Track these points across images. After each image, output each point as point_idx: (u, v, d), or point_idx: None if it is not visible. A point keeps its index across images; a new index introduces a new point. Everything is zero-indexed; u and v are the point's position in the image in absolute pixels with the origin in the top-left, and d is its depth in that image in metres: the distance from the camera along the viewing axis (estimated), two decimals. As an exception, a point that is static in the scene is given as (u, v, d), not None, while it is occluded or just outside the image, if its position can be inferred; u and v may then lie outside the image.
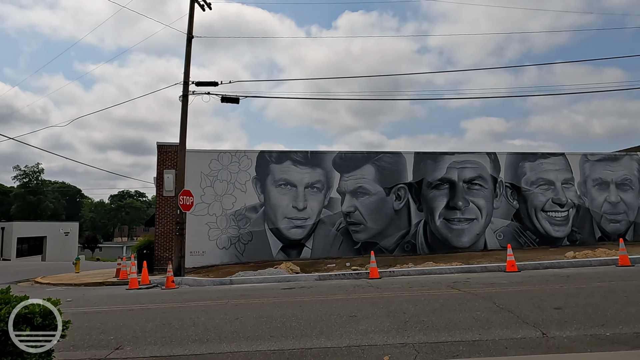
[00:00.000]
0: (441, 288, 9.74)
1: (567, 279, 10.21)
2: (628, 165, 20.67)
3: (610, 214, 20.28)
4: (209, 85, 15.71)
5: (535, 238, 19.71)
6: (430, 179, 19.35)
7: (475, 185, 19.52)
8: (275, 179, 18.57)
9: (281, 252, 18.33)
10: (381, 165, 19.19)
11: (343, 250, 18.61)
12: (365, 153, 19.33)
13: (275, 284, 12.22)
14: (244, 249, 18.10)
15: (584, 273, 11.18)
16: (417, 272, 12.65)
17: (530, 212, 19.83)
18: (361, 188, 18.93)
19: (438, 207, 19.24)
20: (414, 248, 19.03)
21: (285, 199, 18.52)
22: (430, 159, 19.53)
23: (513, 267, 12.18)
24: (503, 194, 19.72)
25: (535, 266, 12.76)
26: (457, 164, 19.56)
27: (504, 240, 19.49)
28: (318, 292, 10.04)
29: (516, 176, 19.94)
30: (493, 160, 19.87)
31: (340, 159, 19.05)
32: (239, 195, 18.33)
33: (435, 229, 19.15)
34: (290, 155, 18.80)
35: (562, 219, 19.94)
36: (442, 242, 19.13)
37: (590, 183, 20.34)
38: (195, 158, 18.21)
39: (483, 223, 19.39)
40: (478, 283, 10.27)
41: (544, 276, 11.04)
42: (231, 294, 10.30)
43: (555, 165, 20.23)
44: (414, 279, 11.65)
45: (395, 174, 19.25)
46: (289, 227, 18.41)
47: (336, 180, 18.87)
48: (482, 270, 12.71)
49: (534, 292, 8.55)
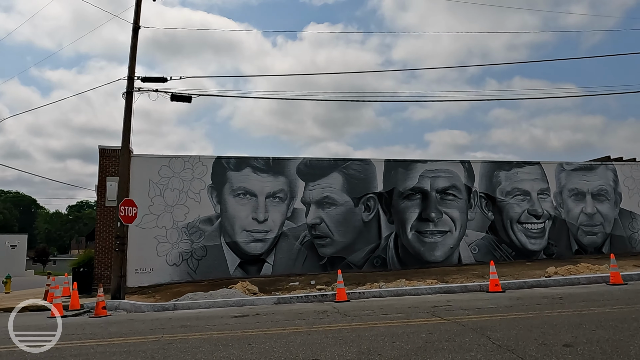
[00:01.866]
0: (420, 315, 8.26)
1: (562, 303, 8.92)
2: (604, 175, 19.96)
3: (586, 225, 19.44)
4: (156, 81, 13.93)
5: (511, 251, 18.63)
6: (401, 189, 18.03)
7: (448, 195, 18.32)
8: (234, 188, 16.84)
9: (239, 268, 16.55)
10: (349, 173, 17.75)
11: (307, 266, 16.99)
12: (332, 160, 17.87)
13: (227, 309, 10.47)
14: (197, 266, 16.24)
15: (577, 294, 9.94)
16: (390, 293, 11.17)
17: (505, 224, 18.76)
18: (328, 198, 17.41)
19: (410, 219, 17.92)
20: (385, 263, 17.60)
21: (244, 210, 16.80)
22: (401, 167, 18.23)
23: (497, 287, 10.86)
24: (478, 204, 18.60)
25: (520, 285, 11.49)
26: (429, 172, 18.33)
27: (478, 254, 18.33)
28: (275, 321, 8.38)
29: (491, 186, 18.87)
30: (467, 169, 18.75)
31: (305, 166, 17.50)
32: (193, 206, 16.49)
33: (407, 242, 17.79)
34: (250, 162, 17.13)
35: (538, 231, 18.96)
36: (414, 256, 17.78)
37: (566, 193, 19.49)
38: (142, 164, 16.30)
39: (457, 236, 18.18)
40: (462, 308, 8.85)
41: (534, 297, 9.74)
42: (170, 325, 8.51)
43: (531, 174, 19.29)
44: (387, 302, 10.14)
45: (365, 183, 17.84)
46: (248, 240, 16.68)
47: (300, 190, 17.30)
48: (463, 290, 11.34)
49: (531, 322, 7.17)
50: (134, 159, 16.31)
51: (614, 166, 20.17)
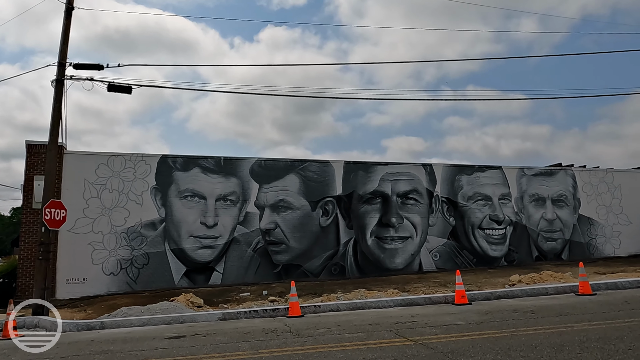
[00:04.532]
0: (383, 335, 7.26)
1: (535, 318, 8.15)
2: (563, 180, 19.78)
3: (546, 231, 19.17)
4: (91, 68, 12.40)
5: (473, 258, 18.07)
6: (361, 192, 17.13)
7: (410, 199, 17.57)
8: (180, 190, 15.44)
9: (185, 278, 15.14)
10: (307, 175, 16.69)
11: (261, 275, 15.77)
12: (289, 161, 16.76)
13: (163, 327, 9.15)
14: (137, 275, 14.71)
15: (548, 307, 9.24)
16: (349, 307, 10.15)
17: (467, 229, 18.19)
18: (283, 201, 16.28)
19: (370, 224, 17.03)
20: (343, 271, 16.62)
21: (192, 214, 15.42)
22: (361, 170, 17.33)
23: (463, 299, 10.04)
24: (439, 209, 17.95)
25: (486, 296, 10.74)
26: (390, 175, 17.53)
27: (440, 260, 17.66)
28: (215, 344, 7.17)
29: (452, 190, 18.27)
30: (429, 173, 18.08)
31: (259, 167, 16.31)
32: (134, 209, 14.97)
33: (366, 248, 16.88)
34: (199, 162, 15.77)
35: (499, 237, 18.50)
36: (374, 263, 16.88)
37: (527, 199, 19.16)
38: (76, 162, 14.66)
39: (418, 242, 17.44)
40: (428, 324, 7.92)
41: (503, 311, 8.95)
42: (88, 351, 7.14)
43: (492, 179, 18.84)
44: (346, 318, 9.10)
45: (323, 185, 16.82)
46: (196, 247, 15.30)
47: (254, 192, 16.09)
48: (427, 302, 10.47)
49: (508, 343, 6.30)
50: (67, 156, 14.65)
51: (573, 172, 20.06)
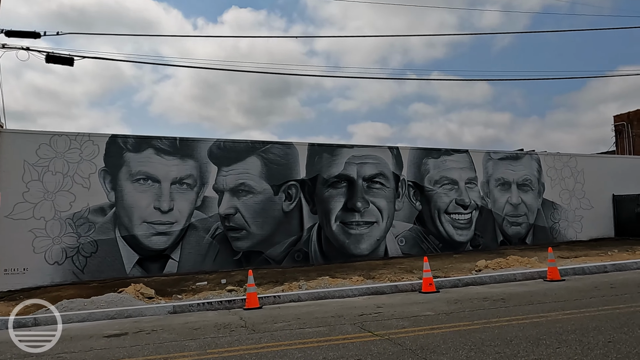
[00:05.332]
0: (346, 329, 6.65)
1: (506, 306, 7.73)
2: (529, 165, 19.68)
3: (511, 216, 19.07)
4: (26, 36, 11.16)
5: (439, 243, 17.77)
6: (326, 176, 16.46)
7: (376, 183, 17.04)
8: (132, 172, 14.36)
9: (138, 266, 14.16)
10: (269, 158, 15.87)
11: (220, 262, 14.95)
12: (250, 143, 15.88)
13: (105, 323, 8.27)
14: (84, 264, 13.64)
15: (518, 294, 8.86)
16: (311, 296, 9.52)
17: (433, 214, 17.85)
18: (244, 185, 15.43)
19: (334, 209, 16.41)
20: (307, 257, 15.99)
21: (145, 198, 14.39)
22: (326, 153, 16.64)
23: (431, 287, 9.57)
24: (405, 194, 17.50)
25: (454, 283, 10.31)
26: (356, 158, 16.91)
27: (405, 246, 17.28)
28: (158, 343, 6.40)
29: (419, 174, 17.85)
30: (395, 156, 17.57)
31: (218, 148, 15.37)
32: (80, 193, 13.82)
33: (331, 234, 16.29)
34: (153, 142, 14.70)
35: (465, 222, 18.26)
36: (338, 249, 16.32)
37: (493, 183, 18.96)
38: (15, 141, 13.36)
39: (384, 227, 16.97)
40: (394, 316, 7.37)
41: (473, 299, 8.51)
42: (10, 354, 6.24)
43: (459, 163, 18.51)
44: (307, 309, 8.46)
45: (286, 168, 16.05)
46: (149, 234, 14.32)
47: (212, 175, 15.17)
48: (393, 290, 9.95)
49: (480, 337, 5.80)
50: (4, 135, 13.33)
51: (538, 156, 19.98)
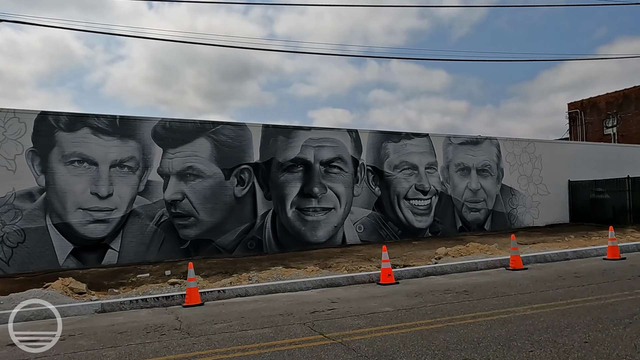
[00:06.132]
0: (294, 330, 5.85)
1: (469, 299, 7.13)
2: (488, 150, 19.42)
3: (470, 202, 18.80)
4: None
5: (398, 230, 17.27)
6: (281, 159, 15.54)
7: (334, 168, 16.27)
8: (65, 154, 12.97)
9: (72, 257, 12.88)
10: (220, 139, 14.78)
11: (165, 252, 13.86)
12: (199, 123, 14.71)
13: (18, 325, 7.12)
14: (10, 255, 12.25)
15: (482, 285, 8.32)
16: (259, 290, 8.66)
17: (392, 200, 17.30)
18: (192, 169, 14.31)
19: (290, 195, 15.55)
20: (260, 245, 15.10)
21: (81, 183, 13.06)
22: (282, 135, 15.69)
23: (389, 278, 8.91)
24: (364, 179, 16.84)
25: (414, 273, 9.70)
26: (313, 141, 16.06)
27: (364, 233, 16.67)
28: (70, 353, 5.39)
29: (379, 159, 17.21)
30: (354, 139, 16.84)
31: (163, 129, 14.15)
32: (4, 176, 12.36)
33: (286, 221, 15.44)
34: (90, 121, 13.31)
35: (425, 207, 17.82)
36: (294, 237, 15.51)
37: (452, 168, 18.58)
38: None
39: (342, 213, 16.27)
40: (350, 313, 6.63)
41: (435, 292, 7.89)
42: None
43: (419, 147, 17.99)
44: (254, 306, 7.61)
45: (238, 151, 15.02)
46: (86, 221, 13.03)
47: (157, 158, 13.96)
48: (349, 281, 9.23)
49: (444, 337, 5.13)
50: None
51: (498, 141, 19.75)
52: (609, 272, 8.93)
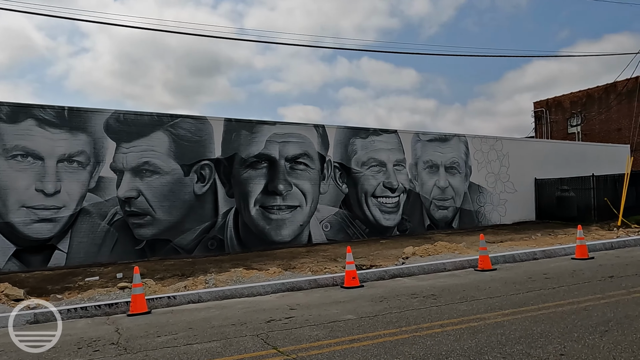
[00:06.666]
0: (246, 344, 5.26)
1: (437, 304, 6.68)
2: (456, 147, 19.21)
3: (439, 199, 18.55)
4: None
5: (365, 228, 16.84)
6: (244, 155, 14.86)
7: (300, 164, 15.69)
8: (7, 147, 11.96)
9: (15, 260, 11.89)
10: (179, 134, 13.98)
11: (119, 253, 13.00)
12: (156, 116, 13.87)
13: None
14: (-57, 258, 11.19)
15: (449, 287, 7.90)
16: (214, 296, 8.02)
17: (360, 197, 16.85)
18: (148, 164, 13.48)
19: (254, 192, 14.90)
20: (222, 245, 14.40)
21: (24, 178, 12.07)
22: (245, 130, 15.00)
23: (354, 281, 8.41)
24: (331, 176, 16.33)
25: (380, 275, 9.24)
26: (278, 137, 15.44)
27: (330, 231, 16.17)
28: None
29: (346, 155, 16.73)
30: (321, 135, 16.29)
31: (117, 121, 13.25)
32: (-64, 171, 11.27)
33: (249, 219, 14.78)
34: (35, 112, 12.32)
35: (393, 205, 17.46)
36: (257, 236, 14.87)
37: (421, 165, 18.28)
38: None
39: (308, 211, 15.72)
40: (309, 322, 6.08)
41: (401, 296, 7.43)
42: None
43: (388, 144, 17.60)
44: (205, 314, 6.97)
45: (199, 146, 14.26)
46: (30, 220, 12.06)
47: (110, 153, 13.08)
48: (312, 285, 8.69)
49: (409, 351, 4.64)
50: None
51: (466, 138, 19.57)
52: (579, 272, 8.68)
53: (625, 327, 5.18)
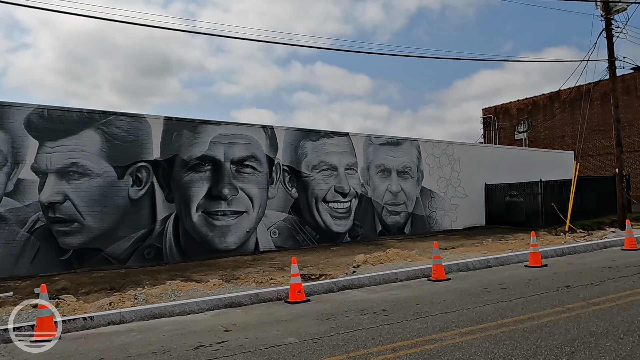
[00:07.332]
0: (164, 380, 4.39)
1: (389, 322, 6.04)
2: (409, 151, 18.89)
3: (391, 204, 18.13)
4: None
5: (316, 234, 16.14)
6: (186, 157, 13.82)
7: (246, 167, 14.81)
8: None
9: None
10: (112, 132, 12.79)
11: (40, 264, 11.65)
12: (86, 112, 12.62)
13: None
14: None
15: (401, 301, 7.30)
16: (139, 316, 7.04)
17: (310, 202, 16.15)
18: (76, 166, 12.21)
19: (196, 196, 13.88)
20: (160, 254, 13.29)
21: None
22: (187, 129, 13.97)
23: (299, 295, 7.66)
24: (280, 179, 15.54)
25: (328, 287, 8.54)
26: (224, 138, 14.50)
27: (279, 238, 15.36)
28: None
29: (296, 158, 15.99)
30: (270, 137, 15.48)
31: (40, 118, 11.92)
32: None
33: (191, 226, 13.74)
34: (-60, 105, 10.82)
35: (344, 211, 16.87)
36: (200, 244, 13.85)
37: (373, 169, 17.80)
38: None
39: (255, 217, 14.85)
40: (244, 347, 5.27)
41: (349, 313, 6.74)
42: None
43: (339, 147, 17.01)
44: (125, 338, 6.01)
45: (135, 147, 13.11)
46: None
47: (32, 152, 11.73)
48: (253, 300, 7.86)
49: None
50: None
51: (418, 142, 19.30)
52: (534, 282, 8.32)
53: (592, 347, 4.71)
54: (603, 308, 6.25)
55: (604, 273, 8.85)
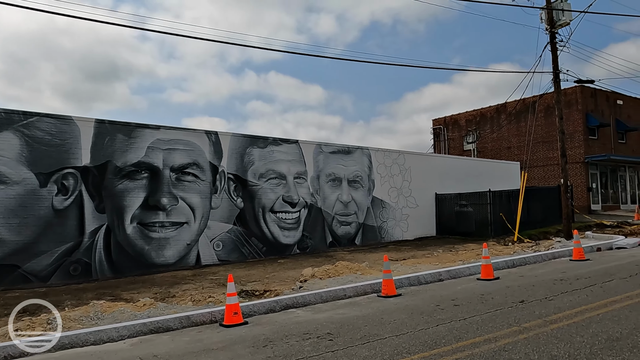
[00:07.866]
0: None
1: (333, 349, 5.36)
2: (360, 160, 18.45)
3: (341, 215, 17.58)
4: None
5: (262, 247, 15.31)
6: (120, 163, 12.70)
7: (187, 175, 13.83)
8: None
9: None
10: (34, 135, 11.52)
11: (-57, 284, 10.20)
12: (3, 113, 11.31)
13: None
14: None
15: (348, 321, 6.64)
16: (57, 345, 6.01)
17: (257, 213, 15.33)
18: (-10, 172, 10.86)
19: (131, 206, 12.76)
20: (88, 270, 12.06)
21: None
22: (121, 133, 12.86)
23: (236, 317, 6.85)
24: (225, 189, 14.65)
25: (270, 307, 7.77)
26: (163, 143, 13.48)
27: (223, 251, 14.43)
28: None
29: (242, 166, 15.15)
30: (214, 143, 14.58)
31: (-53, 117, 10.52)
32: None
33: (124, 239, 12.59)
34: None
35: (293, 221, 16.14)
36: (134, 258, 12.71)
37: (323, 178, 17.21)
38: None
39: (196, 229, 13.86)
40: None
41: (290, 338, 6.01)
42: None
43: (288, 155, 16.32)
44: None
45: (61, 152, 11.87)
46: None
47: None
48: (184, 324, 6.97)
49: None
50: None
51: (370, 151, 18.92)
52: (488, 297, 7.90)
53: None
54: (561, 326, 5.85)
55: (556, 286, 8.58)
